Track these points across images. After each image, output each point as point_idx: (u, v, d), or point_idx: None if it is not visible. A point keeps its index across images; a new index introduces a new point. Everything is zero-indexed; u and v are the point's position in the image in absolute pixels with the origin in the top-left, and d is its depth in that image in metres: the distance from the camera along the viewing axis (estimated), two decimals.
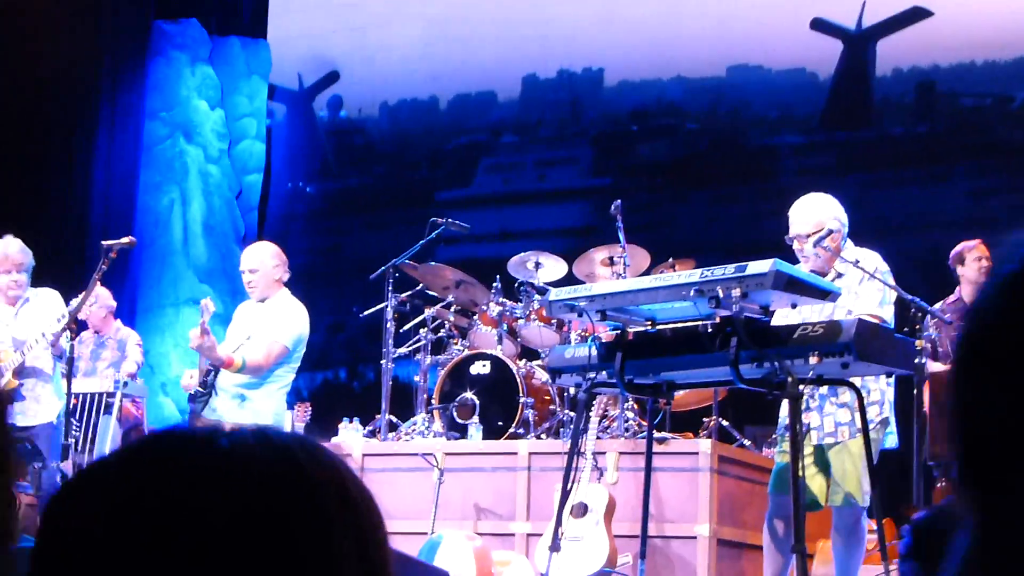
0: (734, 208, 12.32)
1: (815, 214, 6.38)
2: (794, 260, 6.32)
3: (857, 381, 6.03)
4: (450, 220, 9.38)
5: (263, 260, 7.79)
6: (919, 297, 6.47)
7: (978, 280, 8.48)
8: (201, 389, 7.65)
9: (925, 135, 11.84)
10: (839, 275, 6.30)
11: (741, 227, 11.98)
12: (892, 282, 6.28)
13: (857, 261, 6.23)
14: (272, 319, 7.69)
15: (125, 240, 7.90)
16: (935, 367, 7.70)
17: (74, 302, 7.85)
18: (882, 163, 11.81)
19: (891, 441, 6.38)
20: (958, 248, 8.61)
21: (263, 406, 7.62)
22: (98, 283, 8.02)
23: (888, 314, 6.25)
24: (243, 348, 7.59)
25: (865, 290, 6.24)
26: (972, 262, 8.49)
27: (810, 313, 6.11)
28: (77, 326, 8.15)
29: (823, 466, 6.26)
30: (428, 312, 9.32)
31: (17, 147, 12.04)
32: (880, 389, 6.27)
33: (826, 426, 6.25)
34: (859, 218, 7.18)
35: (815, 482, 6.23)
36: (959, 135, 11.67)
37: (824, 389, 6.15)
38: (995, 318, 1.00)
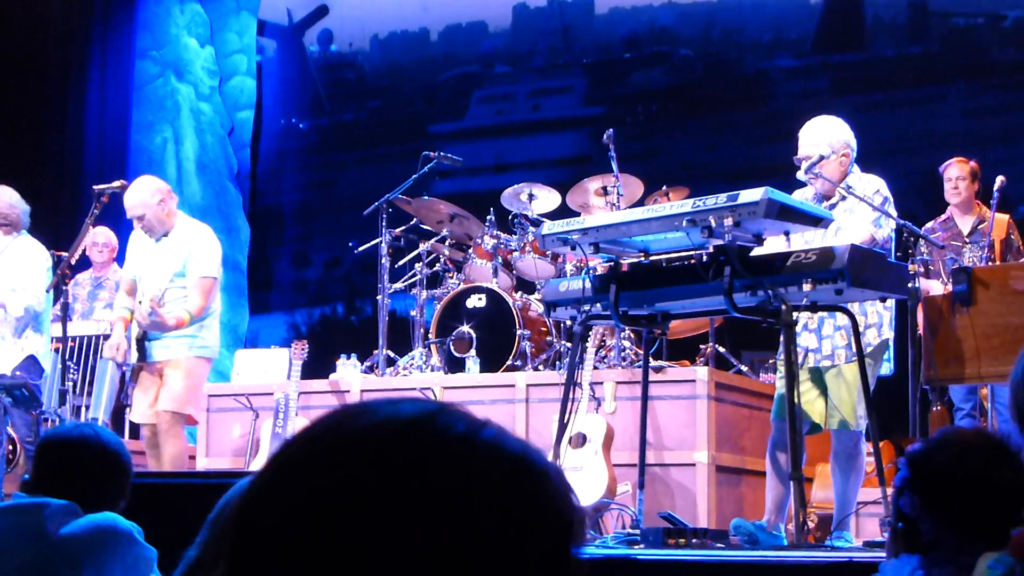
0: (729, 134, 12.25)
1: (816, 137, 6.36)
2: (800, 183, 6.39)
3: (856, 306, 6.03)
4: (442, 154, 9.35)
5: (144, 201, 7.59)
6: (914, 218, 6.45)
7: (950, 201, 8.52)
8: (138, 354, 7.60)
9: (918, 56, 11.74)
10: (843, 198, 6.28)
11: (736, 153, 11.93)
12: (893, 212, 6.26)
13: (849, 187, 6.21)
14: (189, 254, 7.57)
15: (116, 184, 7.86)
16: (929, 284, 7.68)
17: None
18: (876, 85, 11.72)
19: (885, 368, 6.37)
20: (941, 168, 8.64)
21: (210, 340, 7.69)
22: (91, 227, 7.98)
23: (883, 232, 6.21)
24: (181, 303, 7.49)
25: (861, 206, 6.21)
26: (945, 183, 8.52)
27: (812, 235, 6.10)
28: (71, 271, 8.05)
29: (823, 389, 6.26)
30: (423, 246, 9.30)
31: (9, 92, 11.98)
32: (878, 312, 6.26)
33: (823, 349, 6.24)
34: (855, 141, 7.14)
35: (815, 406, 6.23)
36: (952, 55, 11.57)
37: (823, 312, 6.14)
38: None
